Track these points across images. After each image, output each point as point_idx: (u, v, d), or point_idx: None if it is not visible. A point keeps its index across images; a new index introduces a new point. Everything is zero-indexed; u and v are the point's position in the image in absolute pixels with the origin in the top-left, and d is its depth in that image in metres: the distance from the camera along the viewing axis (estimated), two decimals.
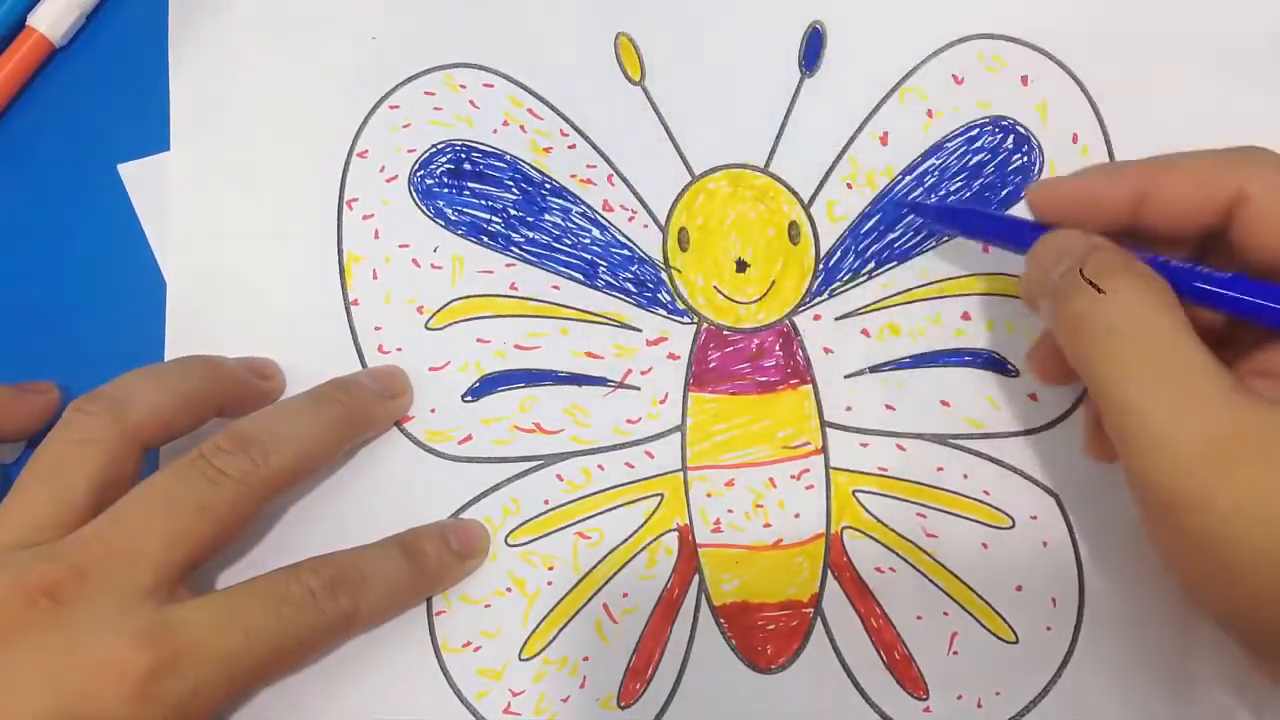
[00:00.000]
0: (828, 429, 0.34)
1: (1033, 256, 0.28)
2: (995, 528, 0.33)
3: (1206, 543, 0.24)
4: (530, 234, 0.35)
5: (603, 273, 0.35)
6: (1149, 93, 0.34)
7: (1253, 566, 0.23)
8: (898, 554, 0.33)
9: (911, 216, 0.34)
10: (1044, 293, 0.27)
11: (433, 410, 0.34)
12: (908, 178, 0.35)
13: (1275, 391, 0.25)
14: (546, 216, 0.35)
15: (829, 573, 0.33)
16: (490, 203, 0.35)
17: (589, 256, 0.35)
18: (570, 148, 0.35)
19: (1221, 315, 0.27)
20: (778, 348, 0.34)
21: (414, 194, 0.35)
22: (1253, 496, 0.23)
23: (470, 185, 0.35)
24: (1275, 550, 0.23)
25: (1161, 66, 0.35)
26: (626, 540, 0.33)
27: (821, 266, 0.35)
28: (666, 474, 0.34)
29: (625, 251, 0.35)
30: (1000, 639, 0.32)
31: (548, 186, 0.35)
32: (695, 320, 0.34)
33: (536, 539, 0.33)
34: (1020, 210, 0.34)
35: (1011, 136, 0.35)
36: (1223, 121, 0.34)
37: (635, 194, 0.35)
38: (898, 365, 0.34)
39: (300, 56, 0.36)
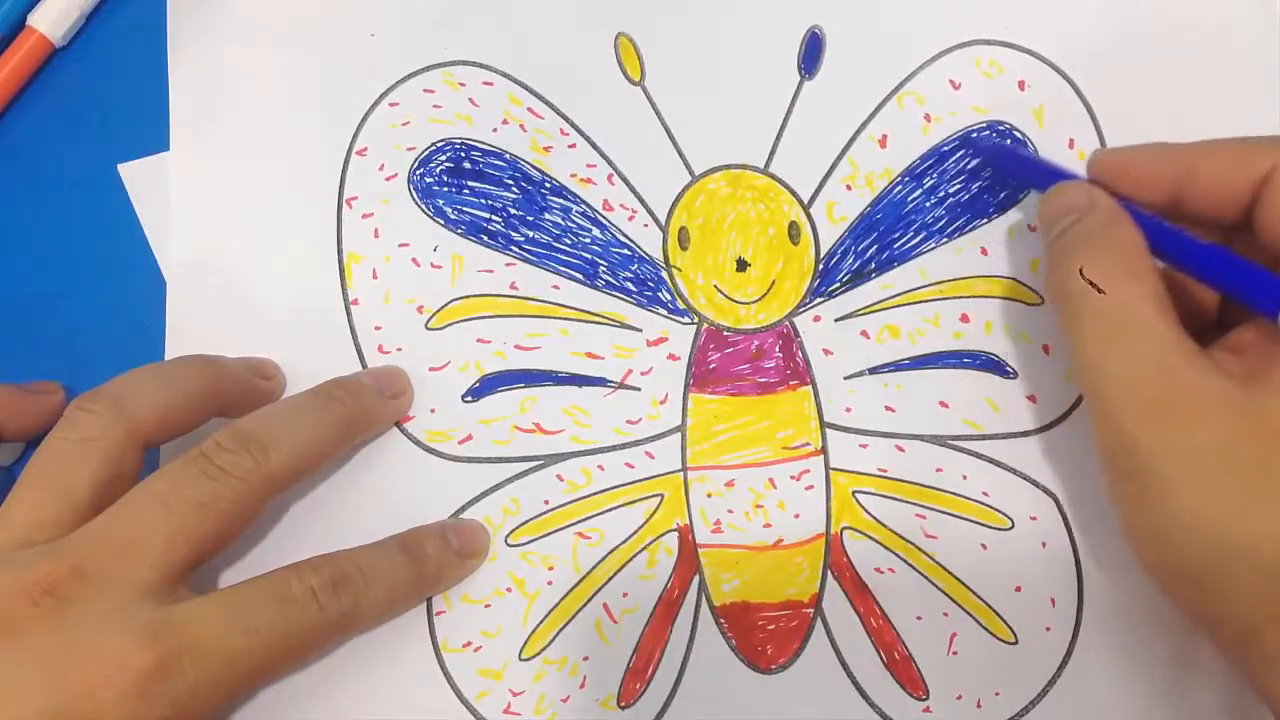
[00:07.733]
0: (827, 430, 0.34)
1: (1042, 205, 0.31)
2: (994, 528, 0.33)
3: (1140, 489, 0.27)
4: (530, 233, 0.35)
5: (603, 272, 0.35)
6: (1145, 98, 0.35)
7: (1175, 516, 0.26)
8: (897, 555, 0.33)
9: (912, 217, 0.34)
10: (1046, 244, 0.30)
11: (433, 410, 0.34)
12: (907, 180, 0.35)
13: (1238, 366, 0.27)
14: (546, 216, 0.35)
15: (829, 573, 0.33)
16: (490, 202, 0.35)
17: (589, 256, 0.35)
18: (570, 147, 0.35)
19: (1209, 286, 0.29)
20: (778, 349, 0.34)
21: (413, 192, 0.35)
22: (1177, 451, 0.26)
23: (470, 184, 0.35)
24: (1193, 502, 0.26)
25: (1157, 72, 0.35)
26: (626, 540, 0.33)
27: (821, 267, 0.35)
28: (666, 474, 0.34)
29: (625, 250, 0.35)
30: (1000, 639, 0.32)
31: (548, 185, 0.35)
32: (695, 320, 0.34)
33: (536, 539, 0.33)
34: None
35: (1008, 141, 0.35)
36: (1219, 126, 0.34)
37: (635, 194, 0.35)
38: (897, 367, 0.34)
39: (299, 55, 0.36)
